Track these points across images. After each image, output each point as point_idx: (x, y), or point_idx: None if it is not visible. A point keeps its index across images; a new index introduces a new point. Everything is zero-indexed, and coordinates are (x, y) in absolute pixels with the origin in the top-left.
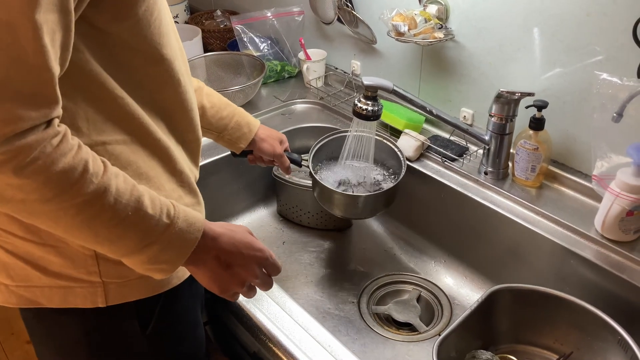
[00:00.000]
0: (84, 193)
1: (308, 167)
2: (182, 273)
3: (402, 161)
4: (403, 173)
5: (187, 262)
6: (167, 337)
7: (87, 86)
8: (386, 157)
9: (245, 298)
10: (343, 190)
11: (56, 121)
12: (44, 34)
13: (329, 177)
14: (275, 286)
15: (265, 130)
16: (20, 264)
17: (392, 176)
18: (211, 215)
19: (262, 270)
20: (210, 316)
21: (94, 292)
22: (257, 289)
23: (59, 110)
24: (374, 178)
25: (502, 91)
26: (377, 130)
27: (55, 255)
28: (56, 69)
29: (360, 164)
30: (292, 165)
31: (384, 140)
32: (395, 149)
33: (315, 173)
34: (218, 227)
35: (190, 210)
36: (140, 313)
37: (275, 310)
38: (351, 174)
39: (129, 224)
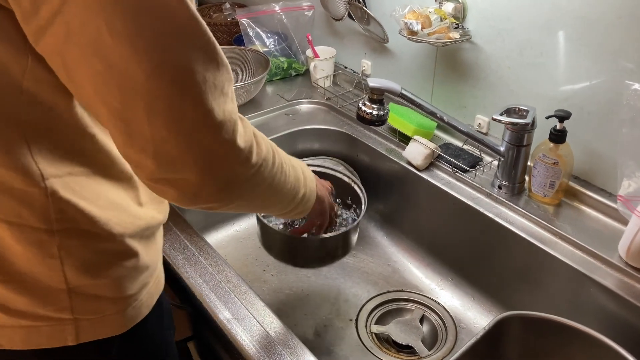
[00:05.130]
0: (272, 152)
1: None
2: (151, 301)
3: (363, 200)
4: (362, 214)
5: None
6: None
7: (67, 122)
8: (348, 195)
9: (227, 317)
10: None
11: None
12: None
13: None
14: (261, 305)
15: None
16: None
17: (354, 217)
18: (204, 221)
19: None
20: (195, 331)
21: (62, 330)
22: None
23: None
24: None
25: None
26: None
27: (19, 293)
28: None
29: None
30: None
31: (344, 178)
32: (357, 187)
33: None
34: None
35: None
36: (100, 344)
37: (258, 331)
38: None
39: (289, 167)
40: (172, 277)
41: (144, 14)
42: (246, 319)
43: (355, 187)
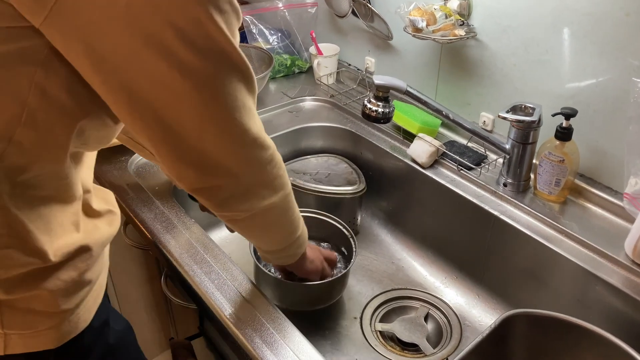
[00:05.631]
0: (287, 175)
1: None
2: (88, 315)
3: (354, 250)
4: (353, 263)
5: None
6: None
7: (53, 143)
8: (341, 242)
9: (232, 315)
10: (281, 276)
11: None
12: None
13: None
14: (266, 303)
15: None
16: None
17: (345, 263)
18: (209, 218)
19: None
20: (201, 329)
21: None
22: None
23: None
24: None
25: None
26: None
27: None
28: None
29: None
30: None
31: (338, 225)
32: (349, 235)
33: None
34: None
35: None
36: (32, 357)
37: (263, 329)
38: None
39: (295, 203)
40: (178, 276)
41: (207, 56)
42: (252, 317)
43: (350, 240)
